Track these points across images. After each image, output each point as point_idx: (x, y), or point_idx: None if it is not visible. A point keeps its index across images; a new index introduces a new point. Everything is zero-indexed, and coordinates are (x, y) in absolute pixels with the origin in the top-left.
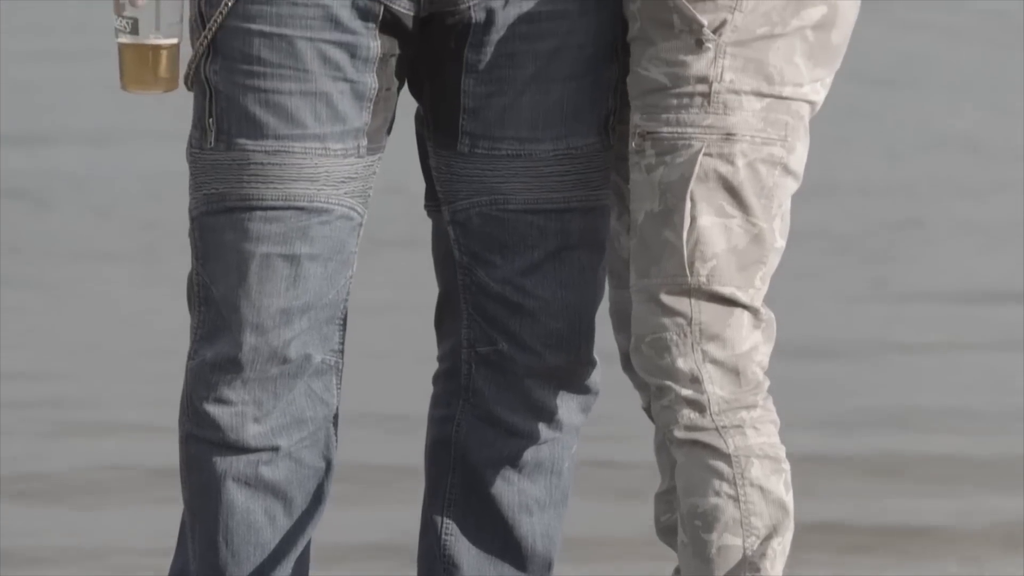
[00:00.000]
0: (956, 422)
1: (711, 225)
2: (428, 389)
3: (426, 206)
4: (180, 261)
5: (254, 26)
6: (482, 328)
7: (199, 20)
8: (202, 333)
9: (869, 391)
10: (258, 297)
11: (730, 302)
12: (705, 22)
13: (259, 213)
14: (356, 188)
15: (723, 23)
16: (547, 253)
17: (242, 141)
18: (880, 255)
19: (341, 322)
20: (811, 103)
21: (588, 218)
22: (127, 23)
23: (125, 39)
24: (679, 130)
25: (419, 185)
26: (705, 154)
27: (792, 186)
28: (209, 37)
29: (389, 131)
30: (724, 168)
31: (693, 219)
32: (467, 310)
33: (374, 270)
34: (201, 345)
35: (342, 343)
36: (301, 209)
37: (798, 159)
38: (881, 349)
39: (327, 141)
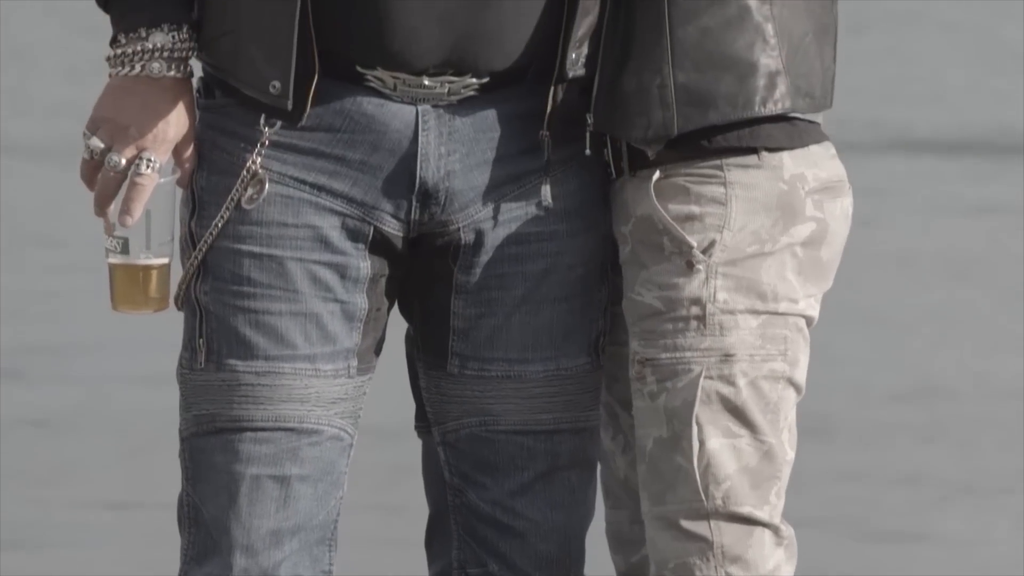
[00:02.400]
0: None
1: (720, 447)
2: None
3: (416, 427)
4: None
5: (244, 247)
6: (472, 549)
7: (189, 240)
8: (192, 554)
9: None
10: (248, 518)
11: (749, 521)
12: (694, 243)
13: (249, 434)
14: (346, 409)
15: (712, 243)
16: (537, 474)
17: (232, 362)
18: None
19: (330, 543)
20: (808, 318)
21: (578, 439)
22: (117, 243)
23: (115, 259)
24: (677, 355)
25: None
26: (706, 377)
27: (795, 397)
28: (199, 257)
29: (379, 351)
30: (726, 389)
31: (701, 443)
32: (457, 531)
33: None
34: (191, 567)
35: (331, 564)
36: (291, 430)
37: (801, 371)
38: None
39: (317, 362)
